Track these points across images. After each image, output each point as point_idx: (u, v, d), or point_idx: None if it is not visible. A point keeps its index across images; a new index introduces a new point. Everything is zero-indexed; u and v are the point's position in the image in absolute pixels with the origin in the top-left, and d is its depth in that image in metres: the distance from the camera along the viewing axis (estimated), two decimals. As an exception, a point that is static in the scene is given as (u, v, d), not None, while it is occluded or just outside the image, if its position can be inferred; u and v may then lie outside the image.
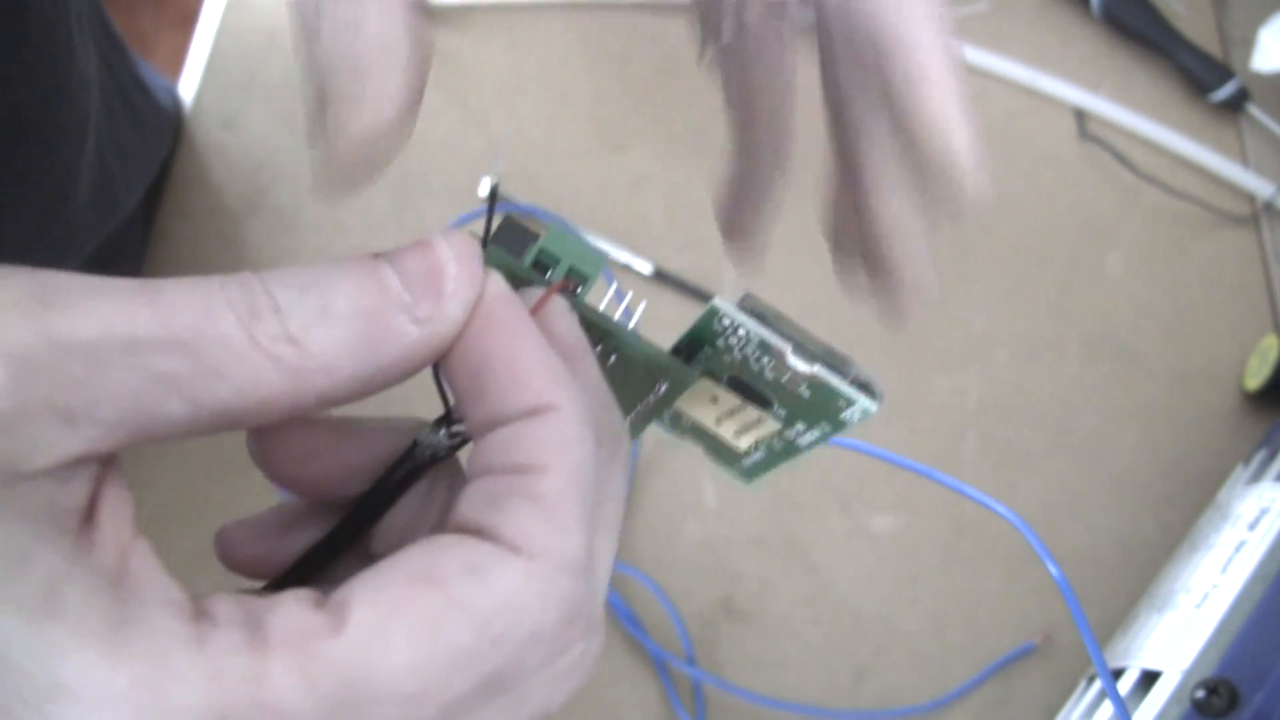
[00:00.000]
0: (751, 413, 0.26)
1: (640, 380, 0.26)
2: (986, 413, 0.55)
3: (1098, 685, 0.45)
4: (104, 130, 0.48)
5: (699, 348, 0.25)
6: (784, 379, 0.25)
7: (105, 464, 0.20)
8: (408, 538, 0.23)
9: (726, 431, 0.27)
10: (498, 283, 0.22)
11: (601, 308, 0.24)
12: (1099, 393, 0.56)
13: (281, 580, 0.24)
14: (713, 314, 0.24)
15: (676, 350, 0.25)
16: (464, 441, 0.23)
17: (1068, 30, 0.67)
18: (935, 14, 0.26)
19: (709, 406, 0.26)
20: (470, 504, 0.21)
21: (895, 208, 0.30)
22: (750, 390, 0.26)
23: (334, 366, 0.20)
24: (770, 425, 0.26)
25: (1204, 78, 0.64)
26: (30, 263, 0.20)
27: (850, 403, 0.24)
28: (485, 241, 0.23)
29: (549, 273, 0.24)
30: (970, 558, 0.52)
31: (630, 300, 0.25)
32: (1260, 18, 0.64)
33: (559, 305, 0.23)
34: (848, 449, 0.46)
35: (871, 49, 0.27)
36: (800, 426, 0.26)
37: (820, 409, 0.25)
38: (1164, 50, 0.65)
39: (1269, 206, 0.61)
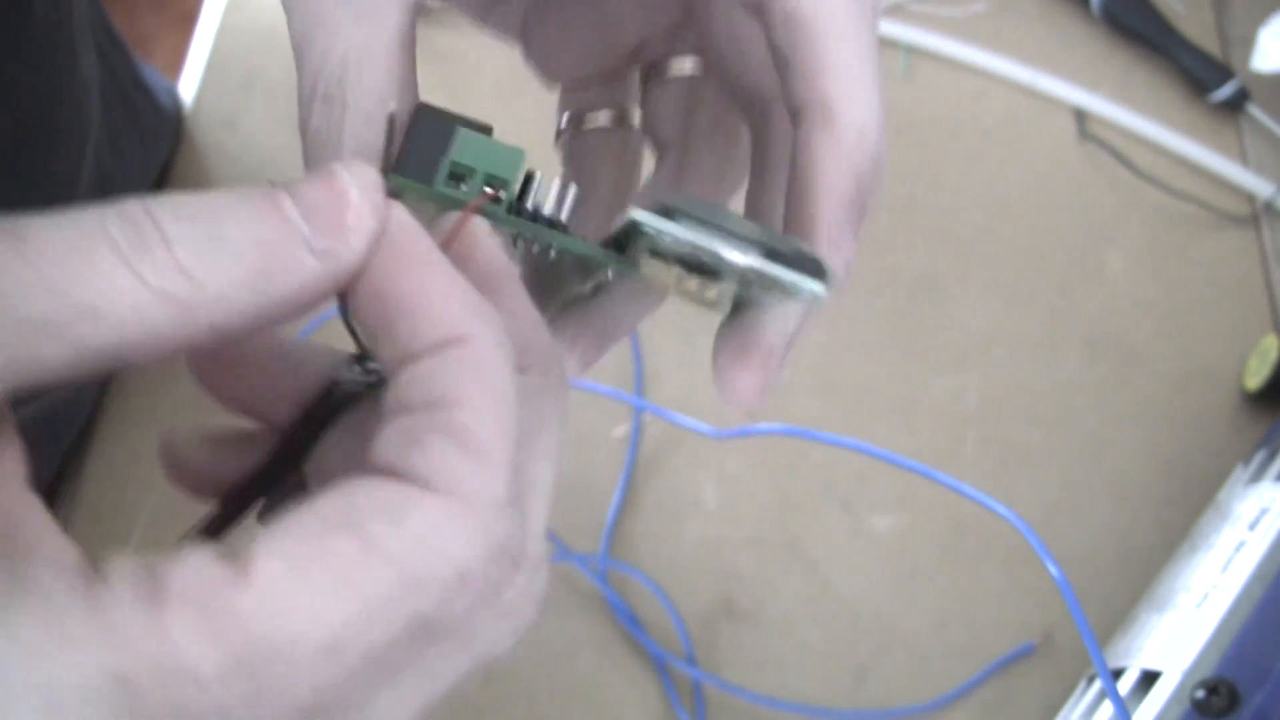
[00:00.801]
0: (709, 283, 0.25)
1: (588, 268, 0.25)
2: (986, 413, 0.55)
3: (1098, 685, 0.44)
4: (102, 133, 0.48)
5: (631, 244, 0.24)
6: (725, 269, 0.23)
7: None
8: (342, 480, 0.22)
9: (691, 287, 0.26)
10: (401, 214, 0.21)
11: (546, 202, 0.24)
12: (1099, 393, 0.56)
13: (210, 525, 0.23)
14: (633, 227, 0.22)
15: (612, 244, 0.24)
16: (381, 381, 0.22)
17: (1068, 30, 0.67)
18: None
19: (665, 274, 0.25)
20: (387, 444, 0.20)
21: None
22: (700, 268, 0.24)
23: (226, 297, 0.19)
24: (730, 288, 0.25)
25: (1204, 78, 0.64)
26: None
27: (797, 289, 0.23)
28: (389, 171, 0.23)
29: (463, 184, 0.23)
30: (970, 558, 0.52)
31: (562, 188, 0.24)
32: (1260, 18, 0.64)
33: (476, 227, 0.22)
34: (848, 449, 0.46)
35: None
36: (758, 294, 0.25)
37: (771, 290, 0.24)
38: (1164, 50, 0.65)
39: (1269, 206, 0.61)
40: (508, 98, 0.64)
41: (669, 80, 0.31)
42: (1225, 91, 0.64)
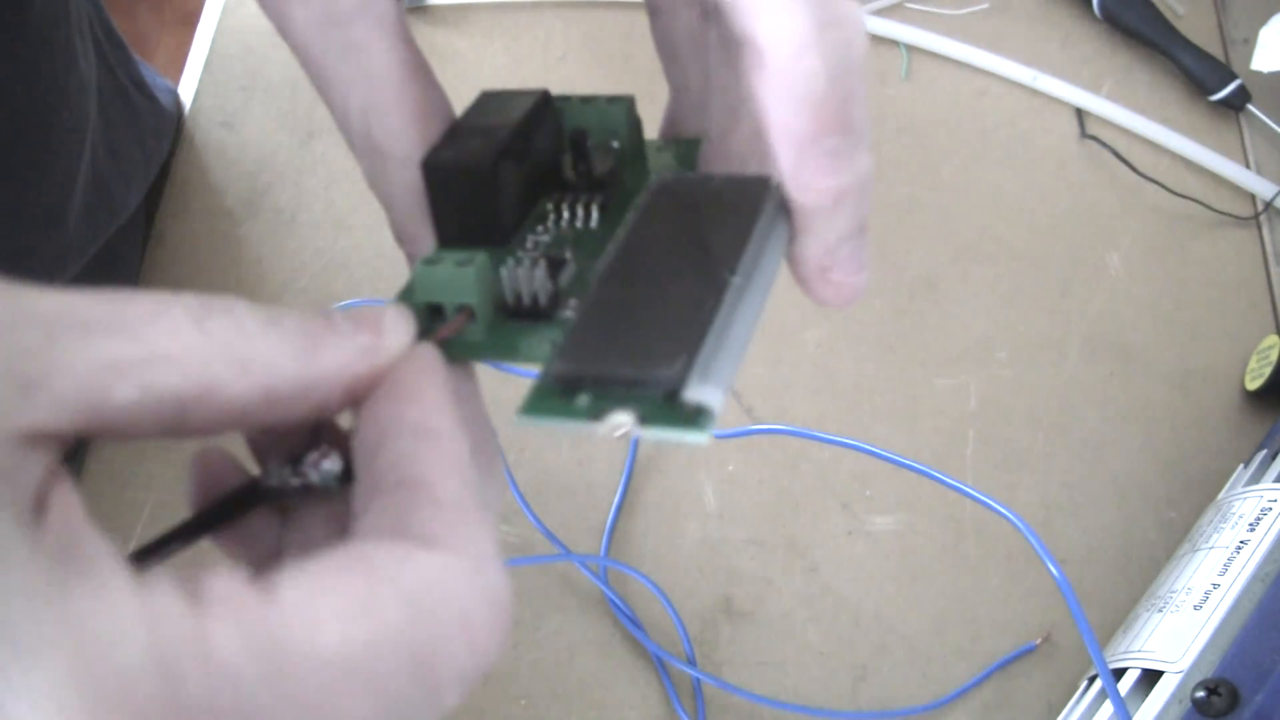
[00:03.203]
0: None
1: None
2: (986, 413, 0.55)
3: (1098, 685, 0.44)
4: (99, 134, 0.48)
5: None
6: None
7: (57, 468, 0.20)
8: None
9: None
10: (426, 347, 0.24)
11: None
12: (1099, 393, 0.56)
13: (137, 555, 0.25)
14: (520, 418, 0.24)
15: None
16: (307, 488, 0.24)
17: (1068, 30, 0.67)
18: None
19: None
20: (377, 517, 0.22)
21: None
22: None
23: (278, 363, 0.21)
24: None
25: (1204, 78, 0.64)
26: (30, 272, 0.20)
27: (680, 441, 0.24)
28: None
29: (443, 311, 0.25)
30: (970, 558, 0.52)
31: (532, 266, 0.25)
32: (1260, 18, 0.64)
33: (431, 364, 0.24)
34: (848, 449, 0.46)
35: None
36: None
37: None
38: (1164, 50, 0.65)
39: (1270, 206, 0.61)
40: (508, 97, 0.64)
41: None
42: (1225, 91, 0.64)
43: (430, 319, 0.25)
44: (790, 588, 0.51)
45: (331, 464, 0.24)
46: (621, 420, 0.22)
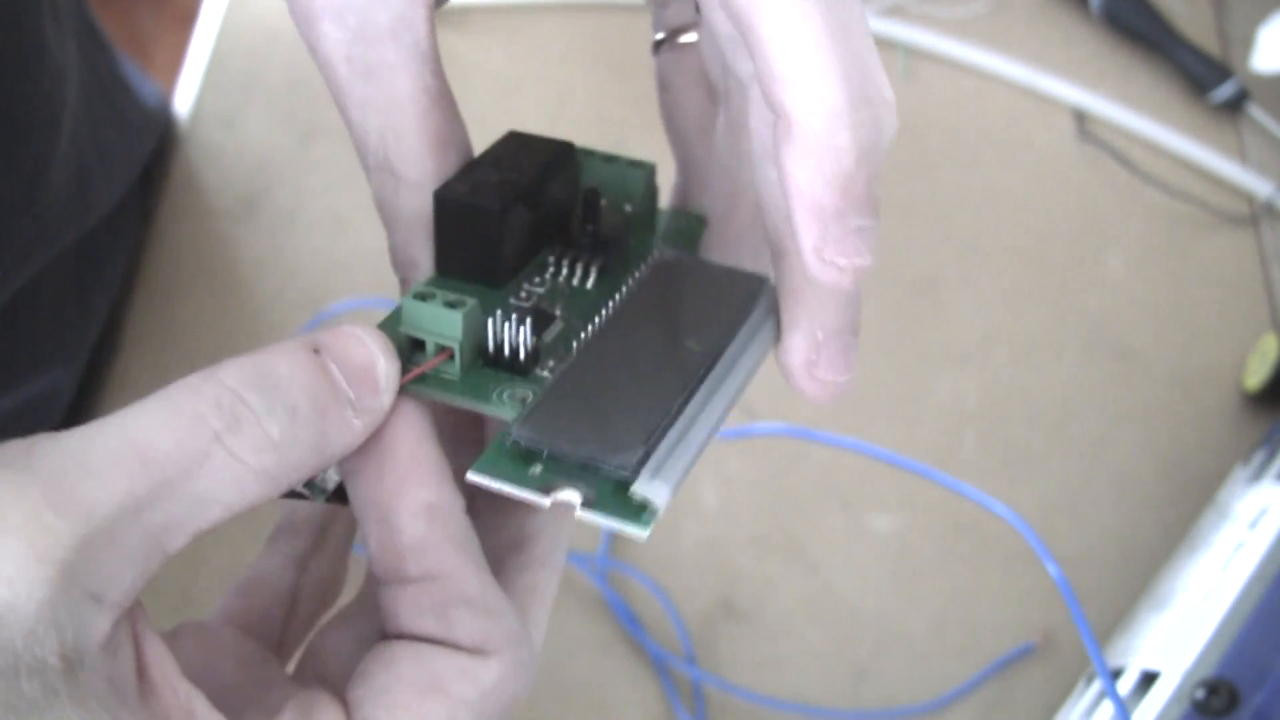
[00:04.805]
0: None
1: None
2: (986, 413, 0.55)
3: (1097, 685, 0.44)
4: (84, 127, 0.48)
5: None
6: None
7: (132, 614, 0.21)
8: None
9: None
10: (414, 411, 0.25)
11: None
12: (1099, 393, 0.56)
13: None
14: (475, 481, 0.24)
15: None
16: (295, 495, 0.25)
17: (1068, 30, 0.67)
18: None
19: None
20: (412, 615, 0.24)
21: None
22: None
23: (301, 463, 0.22)
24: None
25: (1204, 78, 0.64)
26: None
27: (623, 531, 0.24)
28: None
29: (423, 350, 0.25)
30: (970, 558, 0.52)
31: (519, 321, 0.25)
32: (1260, 18, 0.64)
33: (423, 431, 0.25)
34: (848, 449, 0.46)
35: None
36: None
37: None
38: (1164, 50, 0.65)
39: (1268, 206, 0.61)
40: (508, 96, 0.65)
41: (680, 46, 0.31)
42: (1225, 91, 0.64)
43: (410, 350, 0.25)
44: (790, 588, 0.51)
45: (334, 473, 0.25)
46: (569, 499, 0.23)
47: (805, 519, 0.53)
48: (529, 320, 0.25)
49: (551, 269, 0.28)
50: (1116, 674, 0.44)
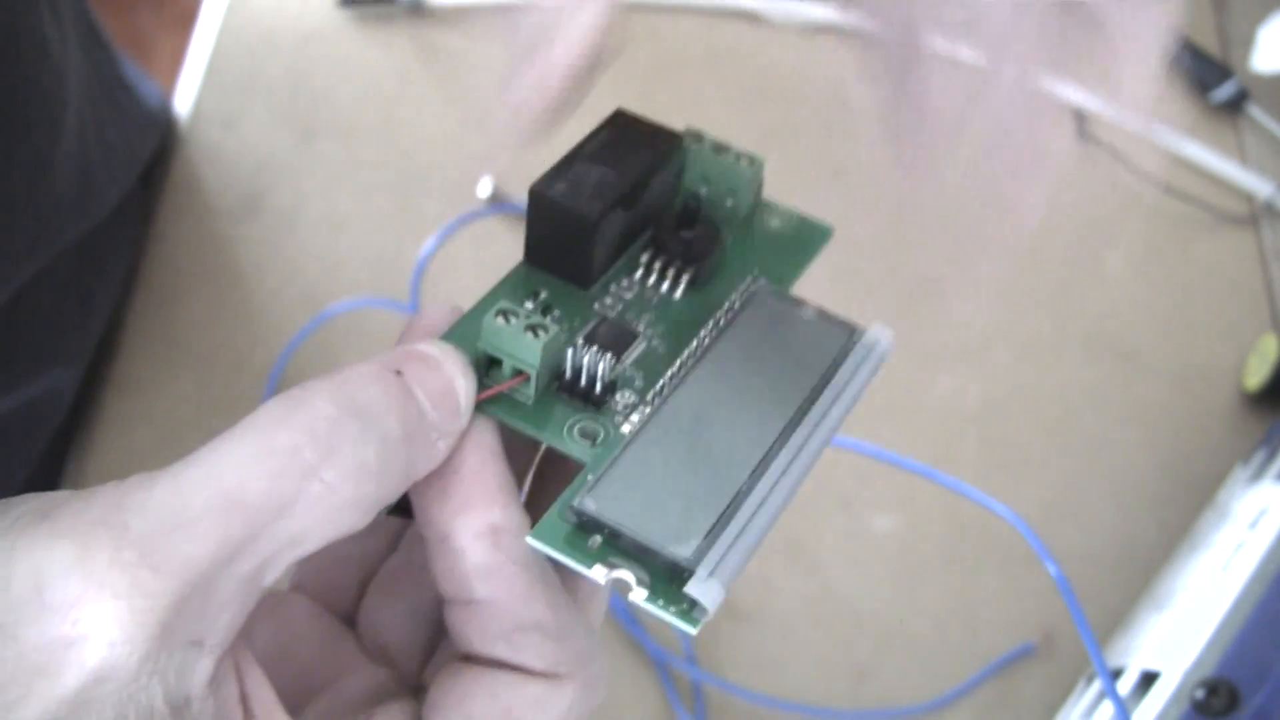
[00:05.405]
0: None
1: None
2: (986, 413, 0.55)
3: (1097, 685, 0.44)
4: (86, 126, 0.48)
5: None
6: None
7: (232, 646, 0.21)
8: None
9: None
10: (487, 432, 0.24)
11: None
12: (1099, 393, 0.56)
13: None
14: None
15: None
16: None
17: (1067, 30, 0.67)
18: None
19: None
20: (481, 640, 0.24)
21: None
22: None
23: (394, 491, 0.22)
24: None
25: (1204, 78, 0.64)
26: None
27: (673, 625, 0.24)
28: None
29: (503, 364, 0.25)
30: (970, 557, 0.52)
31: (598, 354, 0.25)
32: (1260, 18, 0.64)
33: (495, 455, 0.24)
34: (848, 449, 0.46)
35: None
36: None
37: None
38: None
39: (1268, 206, 0.61)
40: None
41: None
42: (1225, 91, 0.64)
43: (485, 365, 0.25)
44: (790, 588, 0.51)
45: None
46: (626, 582, 0.23)
47: (805, 519, 0.53)
48: (608, 355, 0.25)
49: (641, 270, 0.27)
50: (1116, 674, 0.44)
